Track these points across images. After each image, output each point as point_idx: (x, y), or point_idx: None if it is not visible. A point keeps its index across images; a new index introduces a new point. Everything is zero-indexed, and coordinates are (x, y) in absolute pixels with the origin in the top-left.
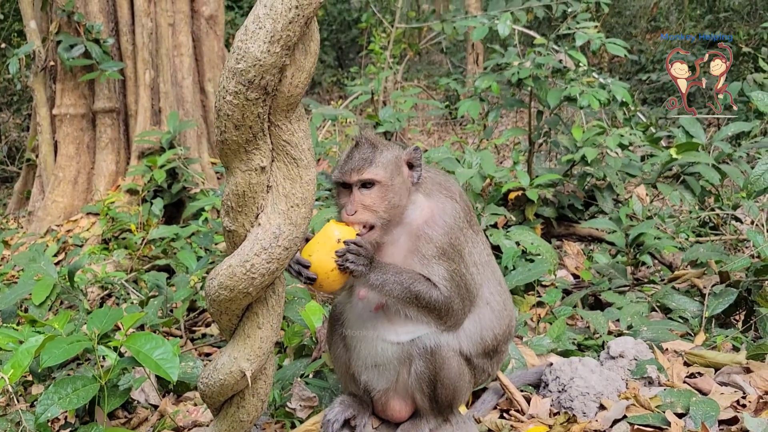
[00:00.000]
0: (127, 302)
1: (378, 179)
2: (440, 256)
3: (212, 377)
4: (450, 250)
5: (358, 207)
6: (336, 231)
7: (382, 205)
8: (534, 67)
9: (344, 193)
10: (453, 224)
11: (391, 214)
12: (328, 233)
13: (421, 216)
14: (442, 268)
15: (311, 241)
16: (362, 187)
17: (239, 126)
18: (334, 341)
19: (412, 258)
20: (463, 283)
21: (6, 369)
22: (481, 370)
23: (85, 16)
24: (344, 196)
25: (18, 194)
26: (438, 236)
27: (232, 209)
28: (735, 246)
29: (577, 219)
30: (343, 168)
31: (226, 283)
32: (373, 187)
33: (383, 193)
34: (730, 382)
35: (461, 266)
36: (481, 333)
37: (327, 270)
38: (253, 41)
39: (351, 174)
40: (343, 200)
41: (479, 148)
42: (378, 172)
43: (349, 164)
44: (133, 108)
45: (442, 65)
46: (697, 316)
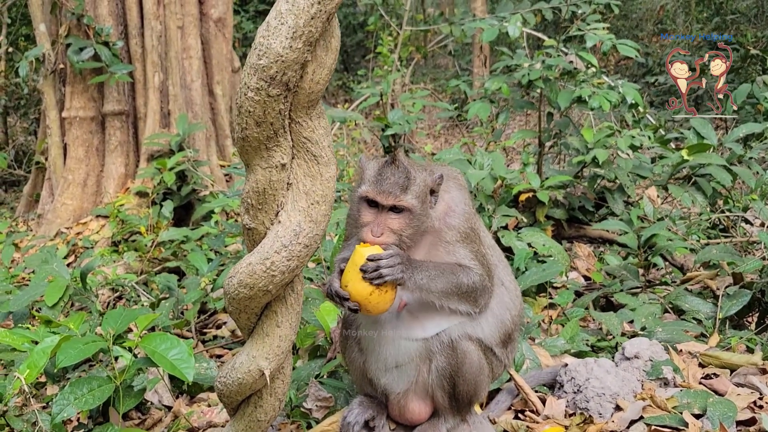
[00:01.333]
0: (138, 304)
1: (410, 208)
2: (464, 240)
3: (230, 376)
4: (471, 234)
5: (385, 230)
6: (363, 253)
7: (408, 231)
8: (544, 68)
9: (369, 210)
10: (468, 210)
11: (413, 238)
12: (357, 261)
13: (440, 215)
14: (467, 250)
15: (345, 271)
16: (391, 210)
17: (260, 123)
18: (349, 345)
19: (435, 249)
20: (486, 263)
21: (22, 369)
22: (499, 361)
23: (94, 19)
24: (369, 214)
25: (27, 197)
26: (459, 223)
27: (252, 207)
28: (745, 248)
29: (588, 221)
30: (377, 187)
31: (246, 281)
32: (402, 213)
33: (410, 220)
34: (746, 383)
35: (482, 247)
36: (501, 316)
37: (366, 295)
38: (275, 37)
39: (387, 196)
40: (367, 218)
41: (488, 151)
42: (412, 201)
43: (383, 185)
44: (143, 111)
45: (448, 68)
46: (710, 318)
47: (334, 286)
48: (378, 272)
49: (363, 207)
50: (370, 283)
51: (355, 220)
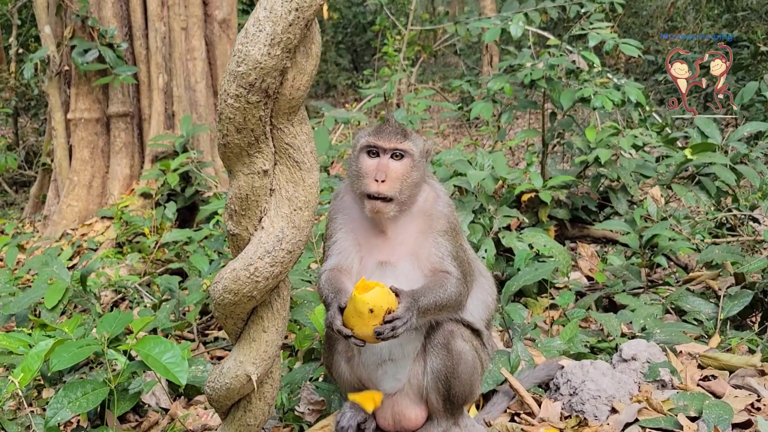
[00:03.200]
0: (140, 306)
1: (411, 152)
2: (450, 232)
3: (218, 381)
4: (456, 226)
5: (388, 176)
6: (368, 303)
7: (407, 180)
8: (547, 68)
9: (370, 160)
10: (451, 204)
11: (410, 192)
12: (359, 308)
13: (430, 198)
14: (452, 245)
15: (346, 313)
16: (392, 157)
17: (241, 129)
18: (336, 360)
19: (424, 237)
20: (466, 259)
21: (16, 373)
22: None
23: (99, 20)
24: (369, 164)
25: (34, 198)
26: (448, 212)
27: (236, 213)
28: (752, 247)
29: (591, 221)
30: (378, 133)
31: (231, 287)
32: (403, 159)
33: (410, 168)
34: (744, 385)
35: (463, 241)
36: (485, 300)
37: (372, 337)
38: (254, 44)
39: (389, 139)
40: (368, 167)
41: (493, 150)
42: (412, 146)
43: (385, 132)
44: (147, 112)
45: (456, 67)
46: (712, 318)
47: (337, 324)
48: (393, 333)
49: (363, 158)
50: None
51: (356, 175)
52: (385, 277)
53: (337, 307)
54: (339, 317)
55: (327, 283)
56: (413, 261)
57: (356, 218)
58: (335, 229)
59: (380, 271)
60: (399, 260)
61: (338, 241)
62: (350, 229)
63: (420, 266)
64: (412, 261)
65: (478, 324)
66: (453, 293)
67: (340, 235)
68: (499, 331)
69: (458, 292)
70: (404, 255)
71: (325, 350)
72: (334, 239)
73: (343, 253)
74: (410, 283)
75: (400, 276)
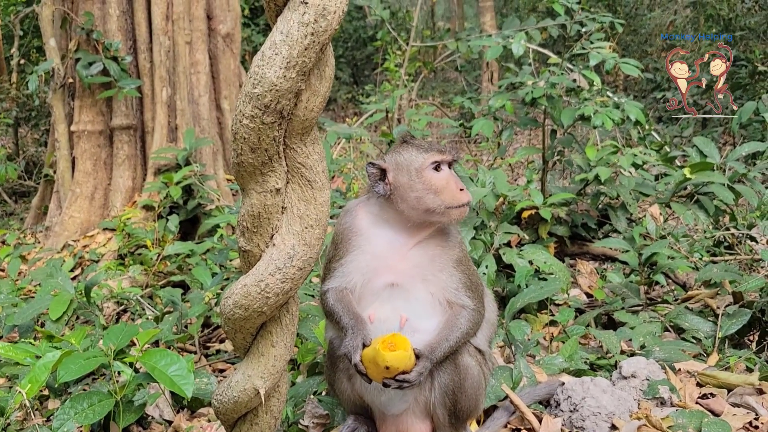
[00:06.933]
0: (142, 318)
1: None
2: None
3: (226, 394)
4: (466, 250)
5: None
6: (387, 362)
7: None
8: (548, 86)
9: (439, 174)
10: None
11: None
12: (378, 360)
13: None
14: (464, 275)
15: (364, 353)
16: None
17: (255, 149)
18: (338, 378)
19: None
20: (477, 283)
21: (23, 384)
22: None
23: (103, 34)
24: (442, 177)
25: (35, 209)
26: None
27: (248, 230)
28: (750, 266)
29: (591, 238)
30: (433, 150)
31: (241, 302)
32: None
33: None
34: (742, 403)
35: (471, 265)
36: (489, 318)
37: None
38: (270, 67)
39: (445, 152)
40: (444, 181)
41: (493, 167)
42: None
43: (435, 146)
44: (150, 125)
45: (457, 83)
46: (710, 337)
47: (355, 359)
48: (399, 387)
49: (433, 174)
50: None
51: (433, 191)
52: (395, 299)
53: (362, 342)
54: (359, 353)
55: (338, 303)
56: (425, 285)
57: (371, 238)
58: (348, 249)
59: (389, 293)
60: (410, 283)
61: (352, 261)
62: (365, 250)
63: (431, 290)
64: (425, 285)
65: (483, 346)
66: (469, 329)
67: (353, 256)
68: (500, 346)
69: (475, 322)
70: (416, 278)
71: (327, 366)
72: (348, 258)
73: (355, 273)
74: (422, 306)
75: (412, 299)
